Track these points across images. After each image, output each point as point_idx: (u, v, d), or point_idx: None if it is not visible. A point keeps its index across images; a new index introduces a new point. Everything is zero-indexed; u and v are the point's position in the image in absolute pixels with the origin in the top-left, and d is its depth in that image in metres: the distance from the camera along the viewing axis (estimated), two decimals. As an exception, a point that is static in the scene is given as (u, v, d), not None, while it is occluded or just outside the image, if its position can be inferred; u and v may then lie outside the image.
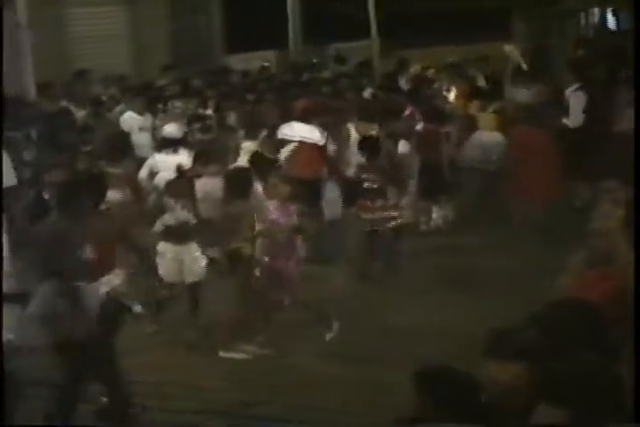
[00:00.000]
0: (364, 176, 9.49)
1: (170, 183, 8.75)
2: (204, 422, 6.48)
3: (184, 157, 10.18)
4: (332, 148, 10.74)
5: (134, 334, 7.46)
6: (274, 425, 6.57)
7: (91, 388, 6.57)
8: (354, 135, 10.60)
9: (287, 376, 7.34)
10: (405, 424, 3.92)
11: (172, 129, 10.75)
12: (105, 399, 6.66)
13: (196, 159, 9.93)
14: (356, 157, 10.24)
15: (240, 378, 7.28)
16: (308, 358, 7.66)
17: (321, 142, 10.60)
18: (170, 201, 8.36)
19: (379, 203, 9.40)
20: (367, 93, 13.80)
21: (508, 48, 13.37)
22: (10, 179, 9.42)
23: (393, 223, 9.48)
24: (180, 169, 9.35)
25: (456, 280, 9.18)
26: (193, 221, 8.37)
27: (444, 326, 7.92)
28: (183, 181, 8.94)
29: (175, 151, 10.36)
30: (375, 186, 9.40)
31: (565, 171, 10.64)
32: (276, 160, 9.59)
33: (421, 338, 7.68)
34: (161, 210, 8.46)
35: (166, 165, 10.14)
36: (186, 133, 11.04)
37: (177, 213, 8.31)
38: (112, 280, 6.56)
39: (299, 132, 10.58)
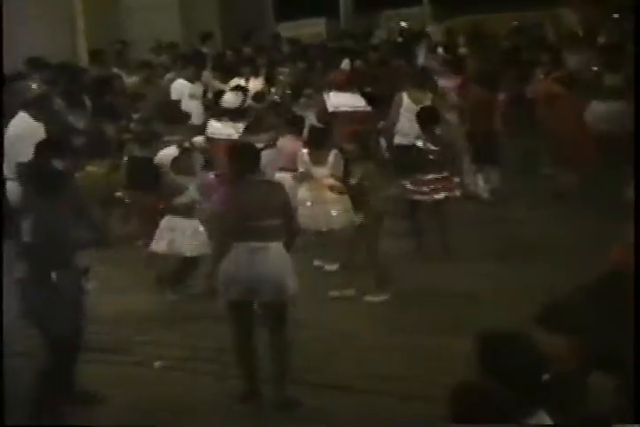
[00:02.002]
0: (425, 148, 9.28)
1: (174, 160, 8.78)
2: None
3: (237, 127, 10.21)
4: (380, 116, 10.70)
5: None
6: (327, 392, 6.57)
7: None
8: (406, 103, 10.52)
9: (341, 343, 7.35)
10: (463, 391, 3.85)
11: (230, 97, 10.76)
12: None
13: (248, 128, 9.96)
14: (408, 126, 10.23)
15: (294, 345, 7.30)
16: (364, 325, 7.66)
17: (367, 110, 10.57)
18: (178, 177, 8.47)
19: (434, 174, 9.28)
20: (420, 61, 13.71)
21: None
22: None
23: (446, 194, 9.36)
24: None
25: (505, 250, 9.11)
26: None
27: (495, 294, 7.88)
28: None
29: (233, 120, 10.38)
30: (431, 157, 9.29)
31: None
32: (330, 131, 9.52)
33: (474, 305, 7.66)
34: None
35: (222, 133, 10.19)
36: (243, 102, 11.05)
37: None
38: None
39: (344, 101, 10.56)
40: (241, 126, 10.26)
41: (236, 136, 10.14)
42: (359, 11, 20.32)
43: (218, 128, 10.32)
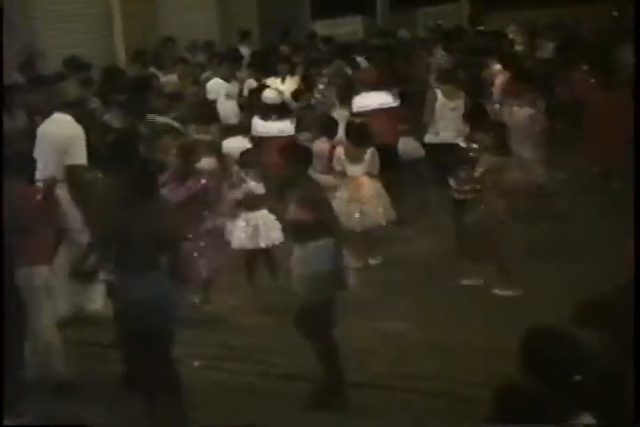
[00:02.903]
0: (467, 145, 9.22)
1: (243, 153, 8.75)
2: (294, 387, 6.46)
3: (285, 124, 10.22)
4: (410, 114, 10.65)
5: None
6: (363, 392, 6.54)
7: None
8: (441, 101, 10.44)
9: (378, 342, 7.32)
10: (507, 392, 3.80)
11: (270, 94, 10.76)
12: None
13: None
14: (446, 124, 10.17)
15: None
16: (403, 324, 7.62)
17: (396, 107, 10.52)
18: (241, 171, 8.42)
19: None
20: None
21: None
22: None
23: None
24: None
25: (545, 247, 9.00)
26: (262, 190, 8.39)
27: (541, 293, 7.79)
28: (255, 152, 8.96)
29: (275, 117, 10.36)
30: (473, 154, 9.13)
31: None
32: (368, 128, 9.48)
33: (520, 305, 7.59)
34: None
35: (266, 130, 10.19)
36: (285, 99, 11.08)
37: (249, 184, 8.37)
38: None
39: (373, 100, 10.51)
40: (289, 123, 10.26)
41: (287, 133, 10.15)
42: (395, 8, 20.24)
43: (265, 126, 10.31)
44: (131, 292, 5.87)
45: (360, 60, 13.28)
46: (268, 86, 11.66)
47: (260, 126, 10.35)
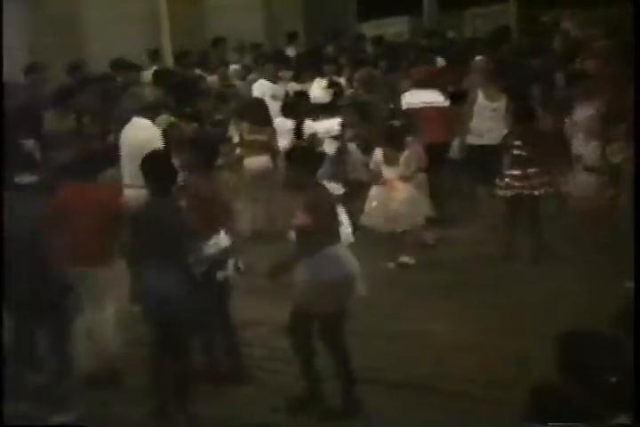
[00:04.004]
0: (514, 143, 9.12)
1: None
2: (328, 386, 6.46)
3: (333, 123, 10.23)
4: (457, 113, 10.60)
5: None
6: (398, 392, 6.54)
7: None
8: (481, 102, 10.39)
9: (413, 343, 7.31)
10: (542, 392, 3.78)
11: (318, 94, 10.80)
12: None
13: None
14: (481, 125, 10.12)
15: (367, 344, 7.27)
16: (439, 325, 7.60)
17: (445, 106, 10.50)
18: None
19: (527, 171, 9.04)
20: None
21: None
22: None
23: (539, 193, 9.12)
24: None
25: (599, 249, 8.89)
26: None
27: (583, 297, 7.72)
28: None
29: (324, 116, 10.39)
30: (524, 153, 9.03)
31: None
32: (406, 131, 9.47)
33: (556, 306, 7.53)
34: None
35: (314, 129, 10.22)
36: (334, 99, 11.10)
37: None
38: (220, 242, 6.58)
39: (422, 98, 10.49)
40: (337, 122, 10.28)
41: (334, 132, 10.18)
42: (443, 9, 20.14)
43: (313, 126, 10.34)
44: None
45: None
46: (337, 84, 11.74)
47: (308, 127, 10.38)
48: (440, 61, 13.06)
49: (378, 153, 9.16)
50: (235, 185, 9.81)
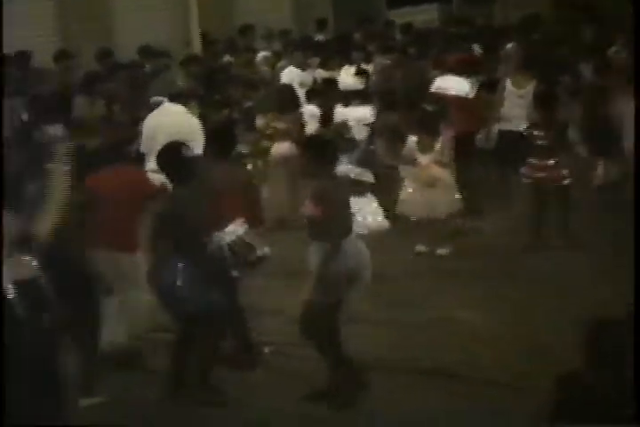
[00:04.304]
0: (536, 133, 9.06)
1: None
2: (359, 375, 6.45)
3: (365, 111, 10.21)
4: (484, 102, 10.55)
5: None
6: (431, 380, 6.54)
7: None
8: (509, 88, 10.35)
9: (445, 331, 7.30)
10: (569, 382, 3.77)
11: (348, 81, 10.77)
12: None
13: None
14: (510, 111, 10.05)
15: (395, 333, 7.26)
16: (468, 313, 7.58)
17: (470, 95, 10.45)
18: None
19: (549, 160, 8.99)
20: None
21: None
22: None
23: (564, 182, 9.08)
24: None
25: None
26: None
27: (610, 286, 7.66)
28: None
29: (356, 104, 10.37)
30: (547, 143, 8.97)
31: None
32: (440, 117, 9.44)
33: (590, 296, 7.49)
34: None
35: (345, 117, 10.19)
36: (366, 86, 11.08)
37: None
38: (236, 230, 6.57)
39: (451, 85, 10.44)
40: (369, 110, 10.25)
41: (366, 120, 10.15)
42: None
43: (344, 113, 10.31)
44: None
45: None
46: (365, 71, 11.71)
47: (340, 113, 10.34)
48: (470, 49, 12.96)
49: (412, 140, 9.12)
50: (261, 172, 9.82)
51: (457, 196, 9.14)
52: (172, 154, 6.42)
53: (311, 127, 10.39)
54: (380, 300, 7.80)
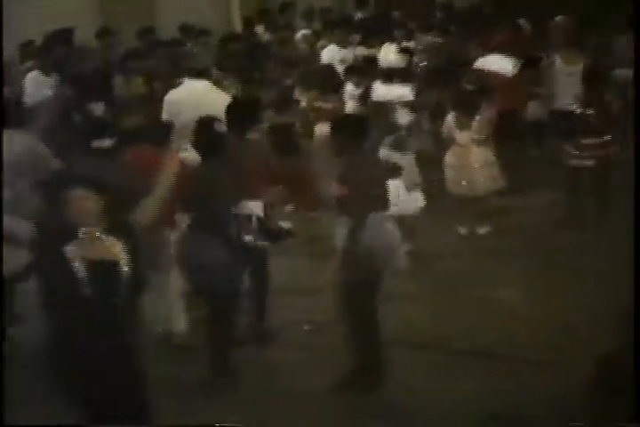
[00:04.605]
0: (583, 111, 8.96)
1: None
2: (403, 355, 6.46)
3: (406, 89, 10.15)
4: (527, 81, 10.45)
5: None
6: (470, 359, 6.54)
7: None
8: (558, 66, 10.23)
9: (481, 310, 7.29)
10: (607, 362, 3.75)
11: (392, 59, 10.71)
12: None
13: None
14: (562, 88, 9.97)
15: (439, 312, 7.25)
16: (507, 292, 7.57)
17: (515, 74, 10.36)
18: None
19: (596, 140, 8.91)
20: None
21: None
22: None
23: (609, 162, 8.96)
24: None
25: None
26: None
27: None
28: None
29: (397, 81, 10.31)
30: (594, 120, 8.86)
31: None
32: (479, 94, 9.37)
33: (624, 279, 7.42)
34: None
35: (386, 95, 10.13)
36: (407, 65, 11.01)
37: None
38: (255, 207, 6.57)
39: (493, 64, 10.37)
40: (410, 88, 10.20)
41: (406, 98, 10.09)
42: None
43: (385, 91, 10.25)
44: None
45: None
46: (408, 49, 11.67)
47: (381, 91, 10.28)
48: (517, 25, 12.80)
49: (450, 118, 9.09)
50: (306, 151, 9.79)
51: (496, 174, 9.09)
52: (205, 129, 6.42)
53: (350, 106, 10.34)
54: (419, 279, 7.80)
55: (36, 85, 10.52)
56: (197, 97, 8.53)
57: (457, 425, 5.74)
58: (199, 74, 8.93)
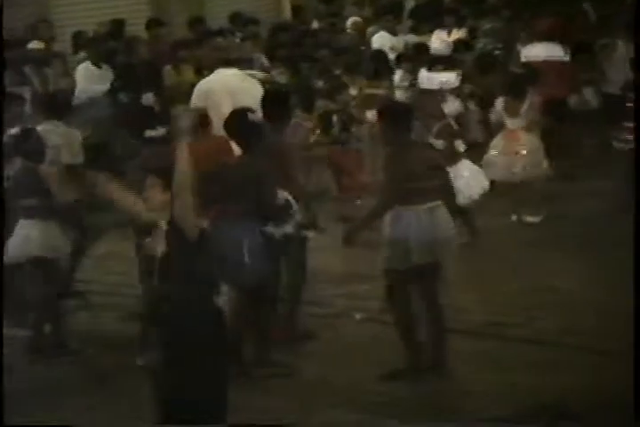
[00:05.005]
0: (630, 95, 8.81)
1: None
2: (456, 343, 6.37)
3: (451, 76, 10.05)
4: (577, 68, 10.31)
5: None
6: (525, 348, 6.45)
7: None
8: (620, 52, 10.06)
9: (538, 298, 7.19)
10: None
11: (438, 45, 10.62)
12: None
13: None
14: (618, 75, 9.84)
15: (495, 299, 7.15)
16: (562, 280, 7.45)
17: (565, 61, 10.20)
18: None
19: None
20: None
21: None
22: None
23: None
24: None
25: None
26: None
27: None
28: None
29: (441, 68, 10.20)
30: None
31: None
32: (529, 80, 9.25)
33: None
34: None
35: (432, 82, 10.03)
36: (454, 52, 10.92)
37: None
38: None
39: (542, 50, 10.23)
40: (455, 75, 10.09)
41: (451, 85, 9.98)
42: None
43: (430, 78, 10.16)
44: None
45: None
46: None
47: (426, 78, 10.19)
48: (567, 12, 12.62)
49: (500, 103, 9.00)
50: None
51: (542, 160, 8.97)
52: (240, 120, 6.38)
53: (399, 94, 10.26)
54: (471, 268, 7.72)
55: (88, 79, 10.56)
56: (229, 86, 8.46)
57: (508, 416, 5.61)
58: (230, 63, 8.86)
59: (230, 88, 8.35)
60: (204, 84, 8.70)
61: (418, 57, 10.87)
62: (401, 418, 5.61)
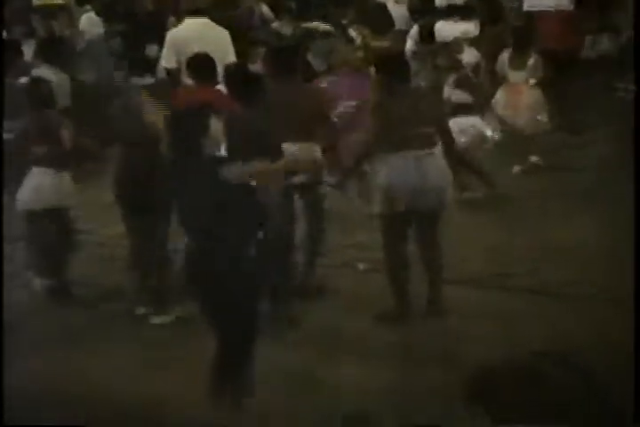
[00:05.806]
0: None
1: None
2: (459, 292, 6.44)
3: (469, 25, 10.01)
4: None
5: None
6: (530, 297, 6.50)
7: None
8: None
9: (544, 250, 7.21)
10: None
11: None
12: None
13: None
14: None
15: (499, 250, 7.21)
16: (569, 231, 7.46)
17: (569, 10, 10.12)
18: None
19: None
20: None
21: None
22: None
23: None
24: None
25: None
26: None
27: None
28: None
29: (458, 18, 10.16)
30: None
31: None
32: (533, 32, 9.23)
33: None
34: None
35: (450, 32, 10.00)
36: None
37: None
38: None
39: (546, 0, 10.16)
40: (474, 25, 10.05)
41: (470, 34, 9.95)
42: None
43: (448, 29, 10.11)
44: None
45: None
46: None
47: (444, 30, 10.12)
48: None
49: (504, 56, 8.97)
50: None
51: (545, 114, 8.97)
52: (239, 72, 6.34)
53: (408, 45, 10.22)
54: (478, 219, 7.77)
55: (90, 25, 10.63)
56: (201, 34, 8.44)
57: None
58: (197, 12, 8.82)
59: (200, 35, 8.35)
60: (177, 32, 8.67)
61: (425, 8, 10.82)
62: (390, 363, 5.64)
